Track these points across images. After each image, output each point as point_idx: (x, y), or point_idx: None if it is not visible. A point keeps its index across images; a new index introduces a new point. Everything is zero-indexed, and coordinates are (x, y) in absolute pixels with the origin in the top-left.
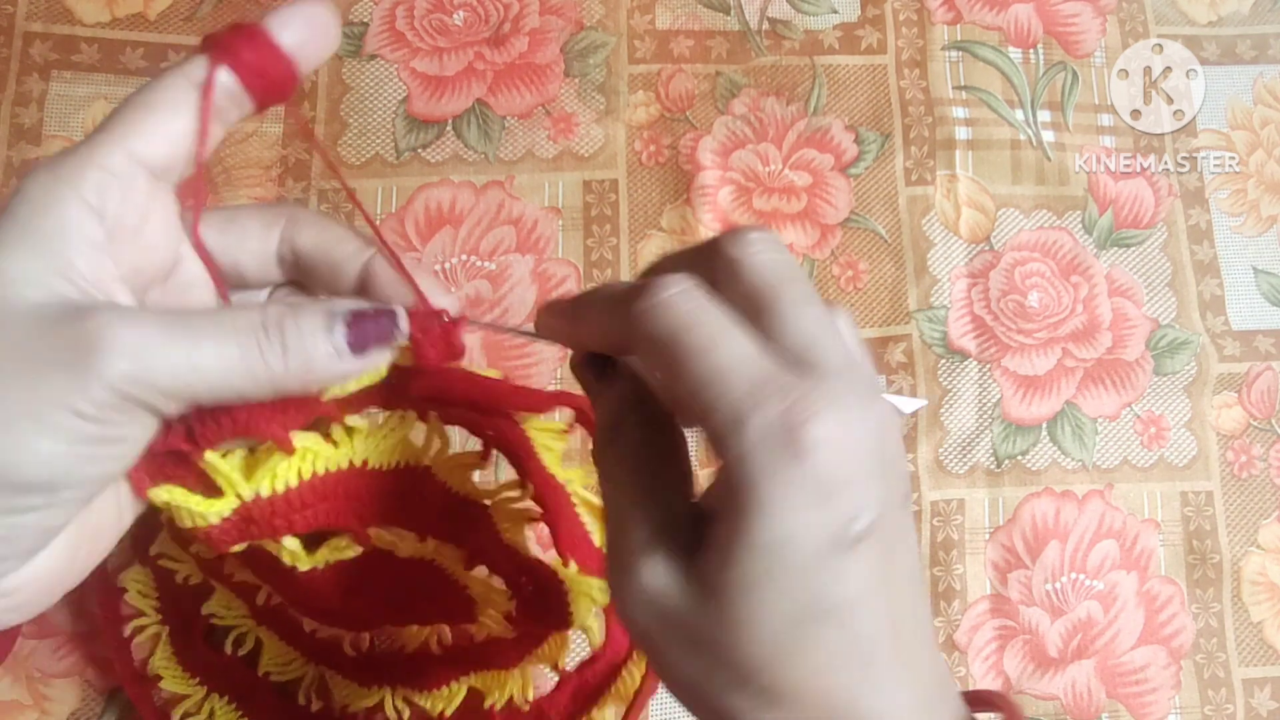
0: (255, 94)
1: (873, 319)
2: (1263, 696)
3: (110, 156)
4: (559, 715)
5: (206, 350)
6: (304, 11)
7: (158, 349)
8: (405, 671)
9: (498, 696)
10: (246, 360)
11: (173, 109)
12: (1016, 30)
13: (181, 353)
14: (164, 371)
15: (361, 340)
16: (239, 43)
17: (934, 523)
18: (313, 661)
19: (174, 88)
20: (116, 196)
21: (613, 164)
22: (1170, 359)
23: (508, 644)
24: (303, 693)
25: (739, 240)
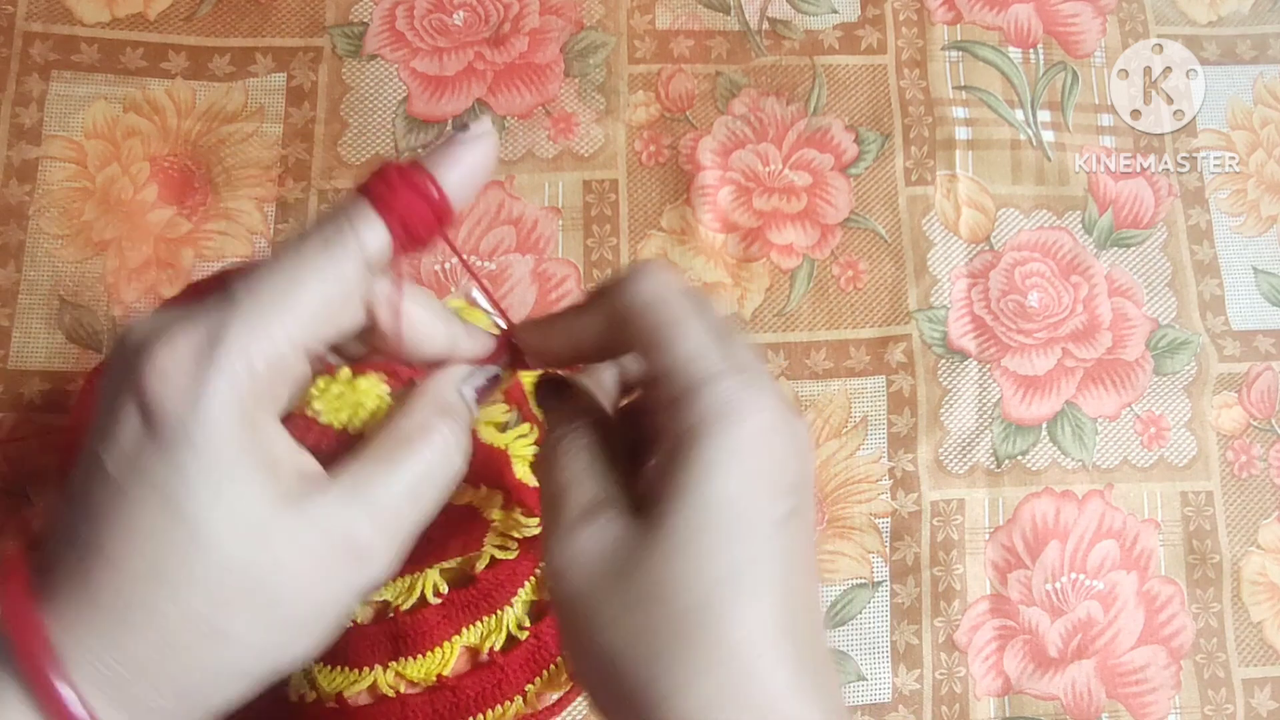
0: (403, 248)
1: (873, 319)
2: (1263, 696)
3: (297, 363)
4: (555, 638)
5: (406, 476)
6: (469, 153)
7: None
8: (402, 634)
9: (496, 637)
10: (434, 476)
11: (348, 300)
12: (1016, 30)
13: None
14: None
15: (480, 397)
16: (402, 199)
17: (934, 523)
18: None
19: (340, 266)
20: (287, 389)
21: (613, 164)
22: (1170, 359)
23: (506, 569)
24: (293, 689)
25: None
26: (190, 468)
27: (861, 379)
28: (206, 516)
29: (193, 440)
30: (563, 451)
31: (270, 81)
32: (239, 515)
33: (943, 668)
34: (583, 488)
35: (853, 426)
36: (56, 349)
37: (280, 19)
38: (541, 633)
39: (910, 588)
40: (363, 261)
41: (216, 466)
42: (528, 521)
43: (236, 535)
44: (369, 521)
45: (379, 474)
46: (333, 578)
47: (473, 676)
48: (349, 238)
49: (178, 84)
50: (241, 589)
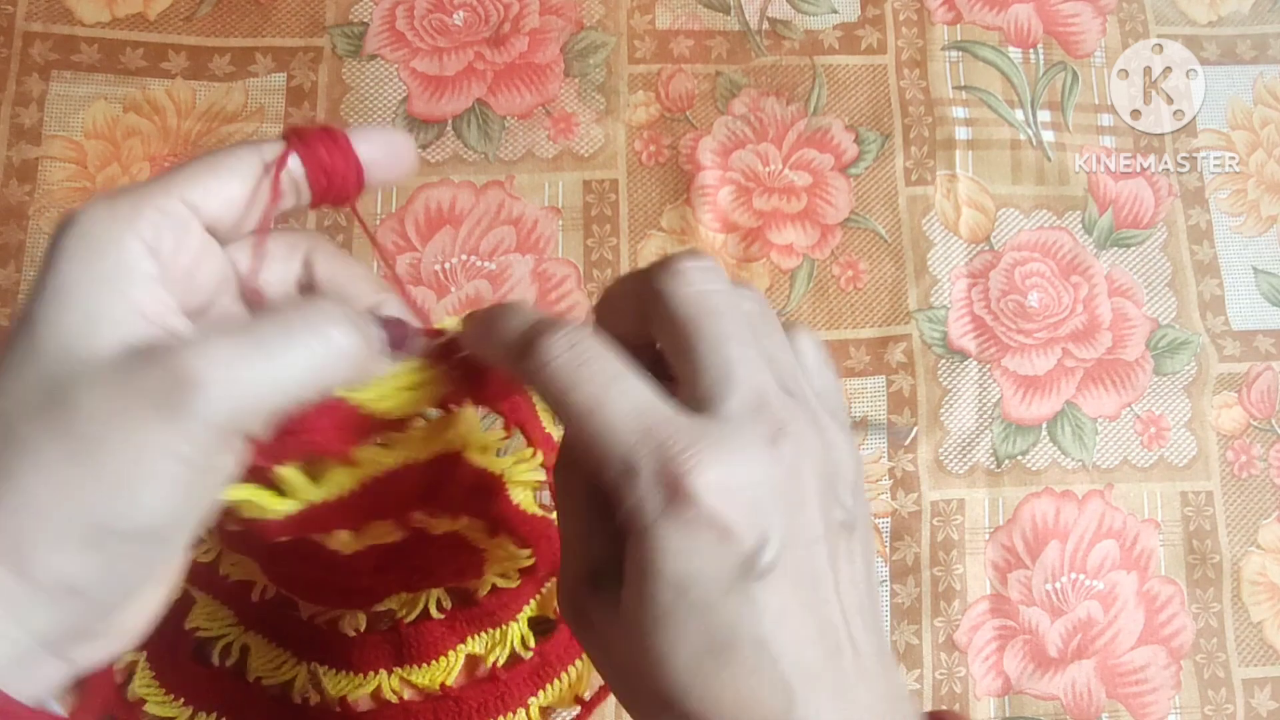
0: (316, 187)
1: (873, 319)
2: (1263, 696)
3: (168, 201)
4: (560, 658)
5: (285, 358)
6: (388, 134)
7: (246, 376)
8: (404, 645)
9: (499, 653)
10: (327, 353)
11: (234, 175)
12: (1016, 30)
13: (265, 370)
14: (255, 397)
15: (395, 342)
16: (317, 138)
17: (934, 523)
18: (304, 660)
19: (242, 158)
20: (171, 239)
21: (613, 164)
22: (1170, 359)
23: (509, 595)
24: (297, 692)
25: (667, 270)
26: (59, 263)
27: (861, 379)
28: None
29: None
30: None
31: (270, 81)
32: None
33: (943, 668)
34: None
35: (852, 427)
36: None
37: (280, 19)
38: (546, 651)
39: (910, 588)
40: (256, 157)
41: (77, 260)
42: (520, 553)
43: (70, 335)
44: (205, 363)
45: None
46: (147, 418)
47: (475, 689)
48: (248, 143)
49: (178, 84)
50: (45, 393)
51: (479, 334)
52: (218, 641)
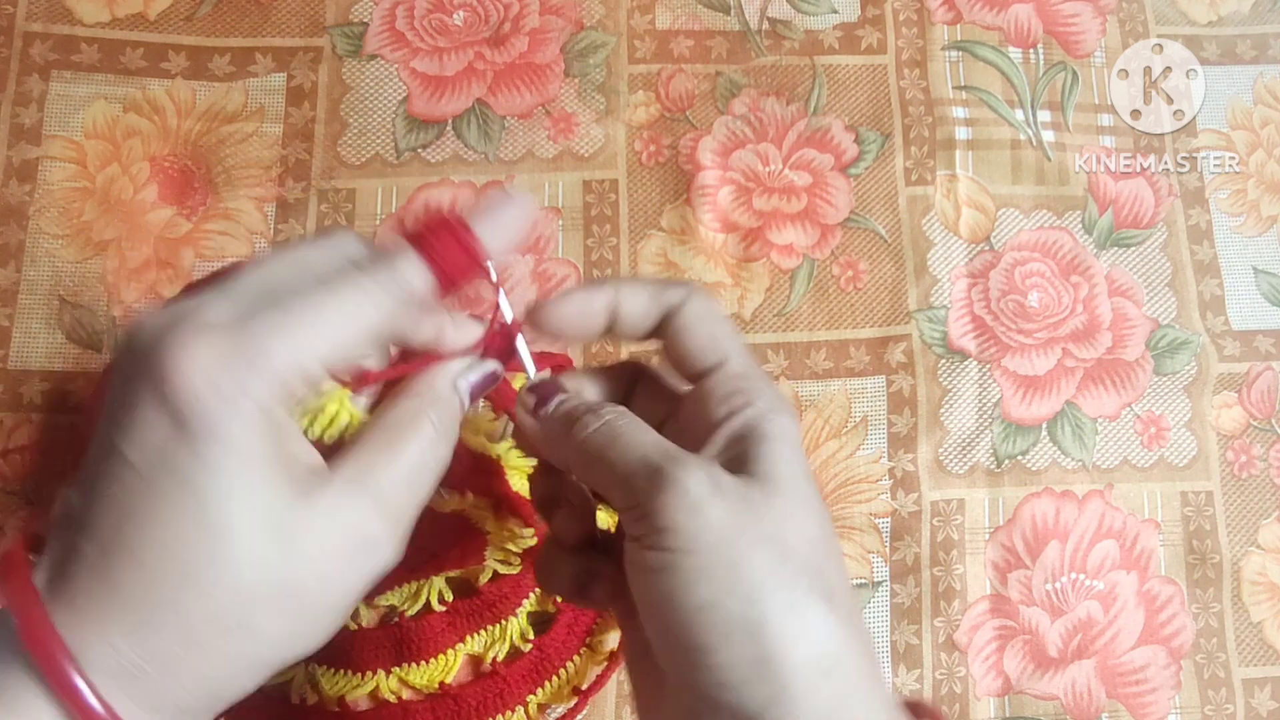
0: (444, 288)
1: (873, 319)
2: (1263, 696)
3: (314, 375)
4: (559, 652)
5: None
6: (508, 212)
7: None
8: (403, 643)
9: (499, 648)
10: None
11: (374, 331)
12: (1016, 30)
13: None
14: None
15: (475, 395)
16: (444, 243)
17: (934, 523)
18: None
19: (380, 301)
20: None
21: (613, 164)
22: (1170, 359)
23: (509, 584)
24: (295, 691)
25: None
26: (220, 464)
27: (861, 379)
28: (233, 511)
29: (223, 437)
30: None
31: (270, 81)
32: (263, 511)
33: (943, 668)
34: (666, 445)
35: (853, 426)
36: (56, 349)
37: (280, 19)
38: (545, 645)
39: (910, 588)
40: (401, 302)
41: (245, 464)
42: (524, 533)
43: (260, 530)
44: (374, 508)
45: (378, 462)
46: (346, 566)
47: (474, 686)
48: (394, 278)
49: (178, 84)
50: (264, 584)
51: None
52: None
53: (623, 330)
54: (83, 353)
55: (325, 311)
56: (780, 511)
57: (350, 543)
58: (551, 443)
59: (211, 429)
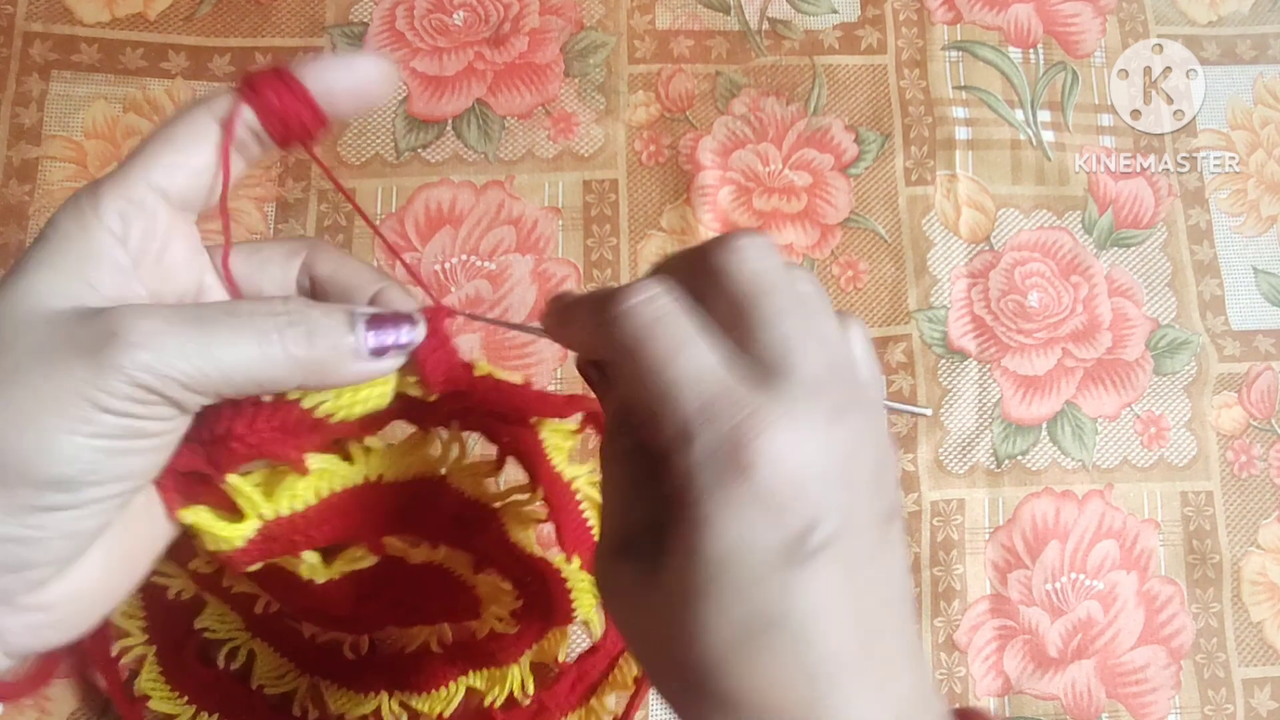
0: (274, 134)
1: (873, 319)
2: (1263, 696)
3: (133, 187)
4: (559, 707)
5: (222, 339)
6: (344, 62)
7: (174, 339)
8: (404, 672)
9: (498, 693)
10: (265, 349)
11: (194, 143)
12: (1016, 30)
13: (198, 343)
14: (181, 361)
15: (381, 344)
16: (264, 83)
17: (934, 523)
18: (306, 672)
19: (196, 122)
20: (139, 225)
21: (613, 164)
22: (1170, 359)
23: (509, 640)
24: (297, 703)
25: (725, 247)
26: (31, 250)
27: None
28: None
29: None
30: (607, 458)
31: None
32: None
33: (943, 668)
34: (612, 519)
35: None
36: None
37: (280, 19)
38: (545, 700)
39: (910, 588)
40: (216, 119)
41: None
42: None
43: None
44: (137, 322)
45: (183, 318)
46: (70, 362)
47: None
48: (204, 107)
49: (178, 84)
50: None
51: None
52: (225, 644)
53: None
54: None
55: (147, 143)
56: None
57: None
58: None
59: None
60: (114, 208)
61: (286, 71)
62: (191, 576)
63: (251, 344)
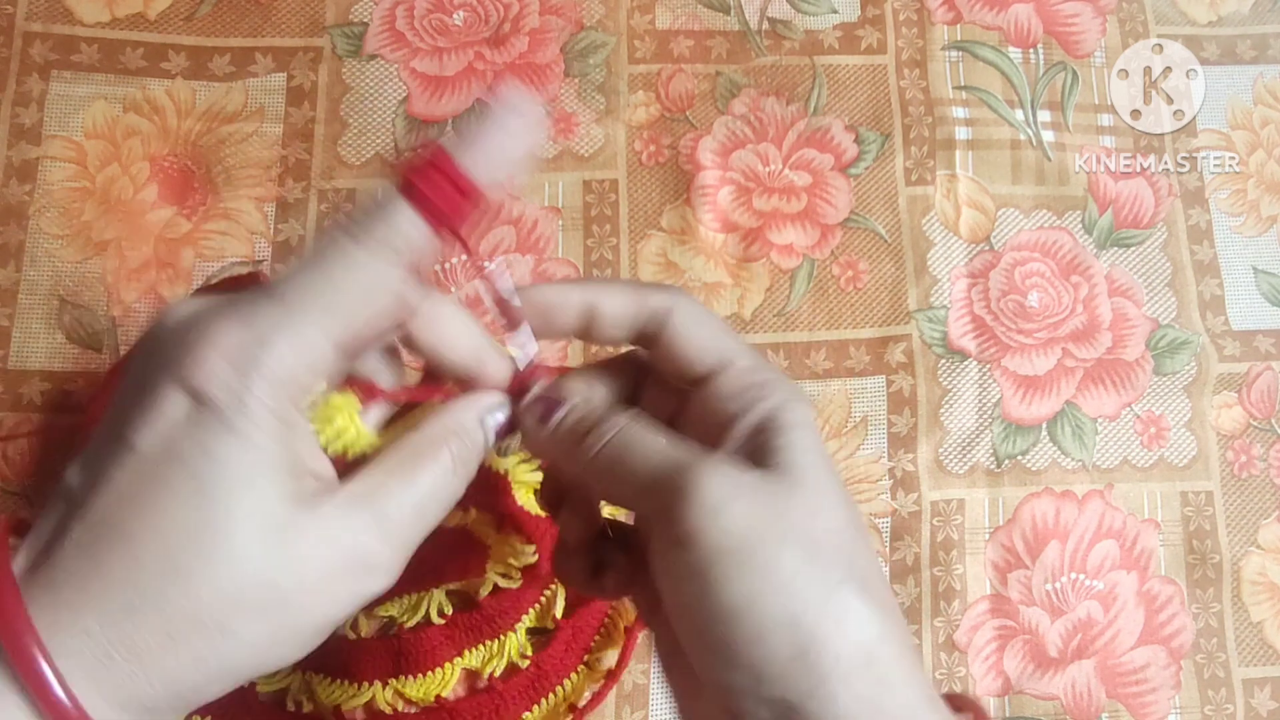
0: (436, 232)
1: (873, 319)
2: (1263, 696)
3: (325, 359)
4: (556, 670)
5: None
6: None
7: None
8: (401, 654)
9: (497, 664)
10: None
11: (380, 301)
12: (1016, 30)
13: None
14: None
15: (501, 434)
16: (430, 185)
17: (934, 523)
18: (299, 668)
19: (379, 261)
20: (321, 386)
21: (613, 164)
22: (1170, 359)
23: (510, 598)
24: (290, 699)
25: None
26: (226, 457)
27: (861, 379)
28: (233, 506)
29: (233, 433)
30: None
31: (270, 81)
32: (263, 512)
33: (943, 668)
34: (679, 450)
35: (853, 427)
36: (56, 349)
37: (280, 19)
38: (543, 662)
39: (910, 588)
40: (402, 260)
41: (250, 461)
42: (525, 549)
43: (258, 532)
44: (377, 531)
45: (389, 486)
46: (339, 585)
47: (470, 701)
48: (389, 235)
49: (178, 84)
50: (253, 587)
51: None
52: None
53: (600, 331)
54: (83, 353)
55: (315, 288)
56: (806, 503)
57: (346, 561)
58: (562, 456)
59: (224, 424)
60: (307, 388)
61: (454, 169)
62: None
63: (440, 476)
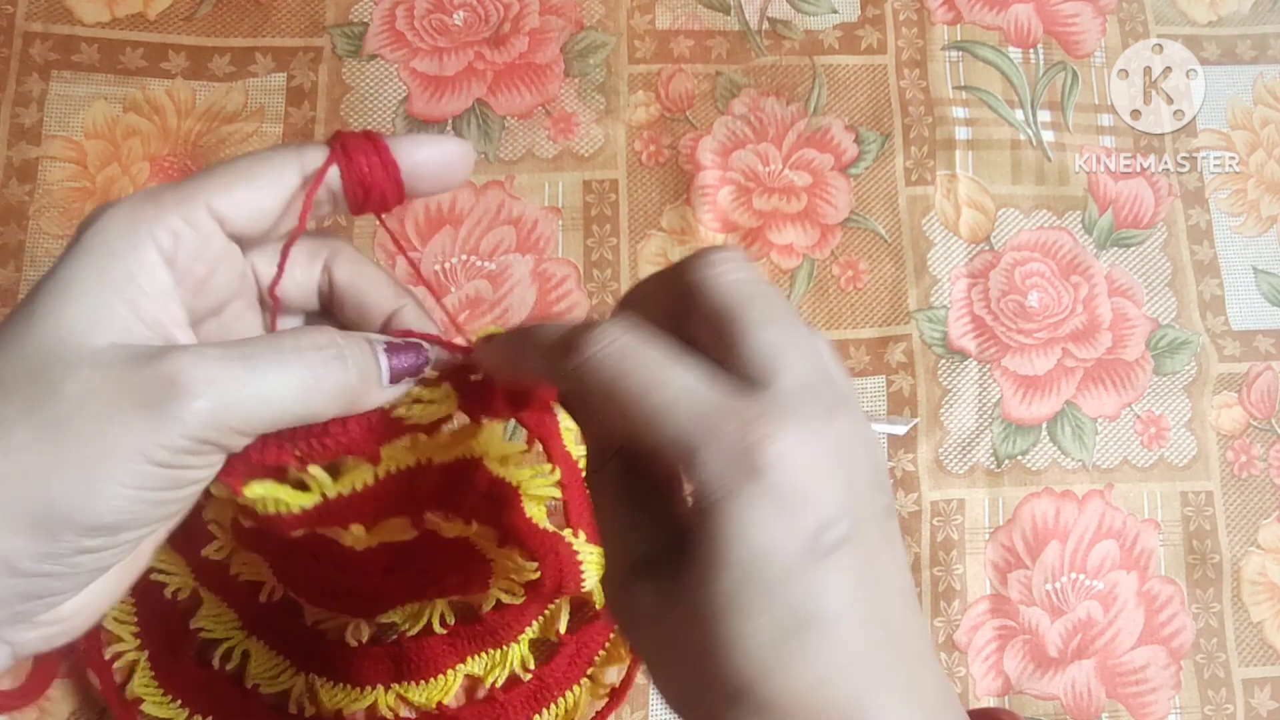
0: (353, 199)
1: (873, 319)
2: (1263, 696)
3: (194, 209)
4: (559, 683)
5: (273, 378)
6: (437, 143)
7: (231, 388)
8: (404, 660)
9: (499, 673)
10: (314, 384)
11: (271, 184)
12: (1016, 30)
13: (251, 387)
14: (238, 409)
15: (398, 371)
16: (357, 149)
17: (934, 523)
18: (302, 670)
19: (280, 165)
20: (190, 249)
21: (613, 164)
22: (1170, 359)
23: (513, 612)
24: (293, 702)
25: (702, 262)
26: (71, 267)
27: (861, 379)
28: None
29: (86, 248)
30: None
31: (270, 81)
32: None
33: (943, 668)
34: (619, 542)
35: None
36: None
37: (280, 19)
38: (545, 675)
39: None
40: (301, 174)
41: (91, 259)
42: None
43: (68, 328)
44: (196, 372)
45: (234, 361)
46: (126, 415)
47: (472, 709)
48: (294, 152)
49: (178, 84)
50: (28, 374)
51: (507, 350)
52: (220, 645)
53: None
54: None
55: (219, 168)
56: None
57: (148, 390)
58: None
59: (82, 242)
60: (169, 225)
61: (381, 141)
62: (193, 568)
63: (299, 380)
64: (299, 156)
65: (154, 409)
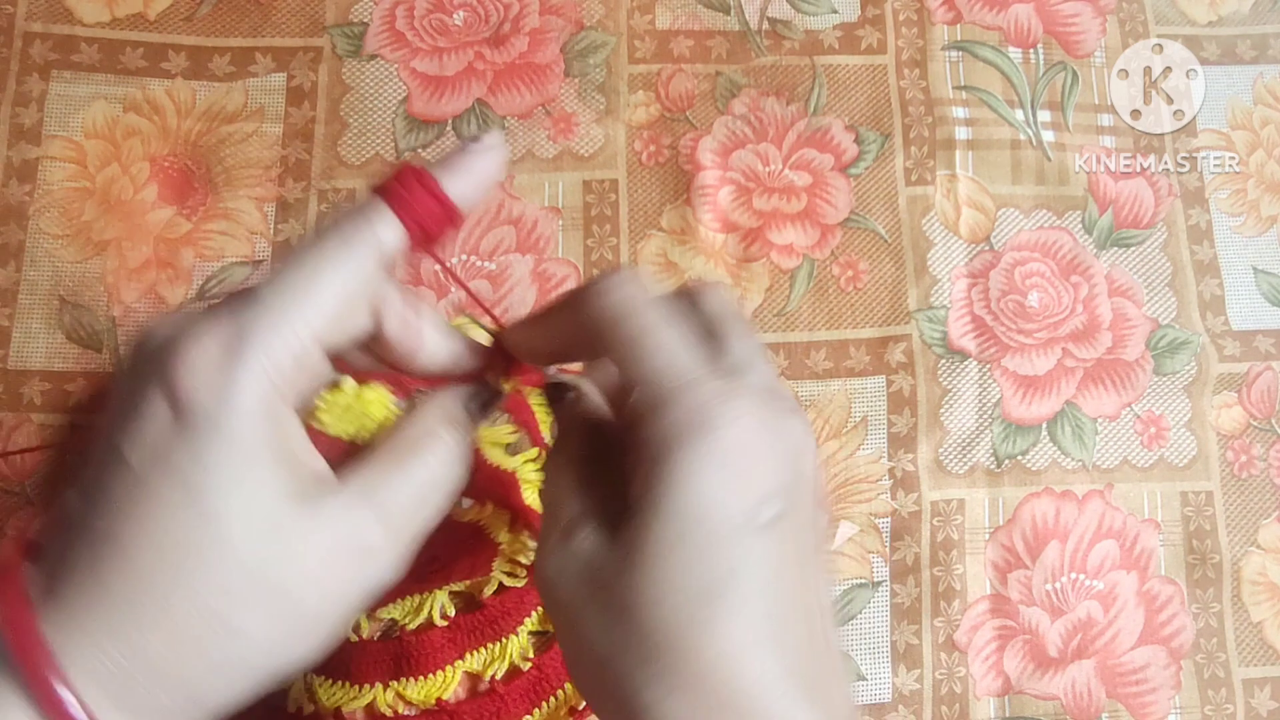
0: (416, 245)
1: (873, 319)
2: (1263, 696)
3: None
4: (558, 674)
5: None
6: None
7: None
8: (403, 655)
9: (499, 665)
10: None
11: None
12: (1016, 30)
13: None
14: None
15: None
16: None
17: (934, 523)
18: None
19: (358, 258)
20: (303, 382)
21: (613, 164)
22: (1170, 359)
23: (513, 597)
24: (292, 700)
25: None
26: (215, 459)
27: (861, 379)
28: (226, 509)
29: (220, 432)
30: (551, 465)
31: (270, 81)
32: (257, 510)
33: (943, 668)
34: (568, 502)
35: (853, 427)
36: (56, 349)
37: (280, 19)
38: (544, 665)
39: (910, 588)
40: (380, 258)
41: (240, 459)
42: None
43: (254, 530)
44: (378, 523)
45: (388, 478)
46: (342, 577)
47: (471, 704)
48: (367, 235)
49: (178, 84)
50: (255, 584)
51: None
52: None
53: None
54: (83, 353)
55: (295, 284)
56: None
57: (349, 552)
58: None
59: (205, 423)
60: (298, 386)
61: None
62: None
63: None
64: (373, 240)
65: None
